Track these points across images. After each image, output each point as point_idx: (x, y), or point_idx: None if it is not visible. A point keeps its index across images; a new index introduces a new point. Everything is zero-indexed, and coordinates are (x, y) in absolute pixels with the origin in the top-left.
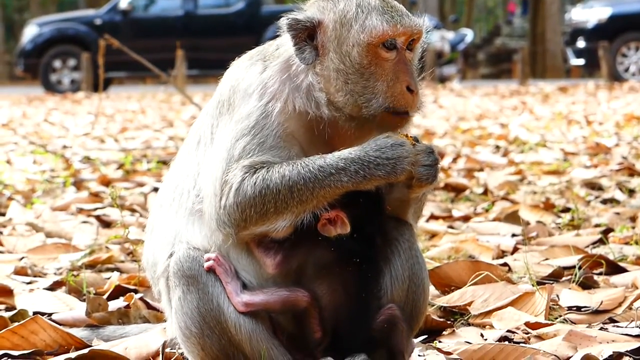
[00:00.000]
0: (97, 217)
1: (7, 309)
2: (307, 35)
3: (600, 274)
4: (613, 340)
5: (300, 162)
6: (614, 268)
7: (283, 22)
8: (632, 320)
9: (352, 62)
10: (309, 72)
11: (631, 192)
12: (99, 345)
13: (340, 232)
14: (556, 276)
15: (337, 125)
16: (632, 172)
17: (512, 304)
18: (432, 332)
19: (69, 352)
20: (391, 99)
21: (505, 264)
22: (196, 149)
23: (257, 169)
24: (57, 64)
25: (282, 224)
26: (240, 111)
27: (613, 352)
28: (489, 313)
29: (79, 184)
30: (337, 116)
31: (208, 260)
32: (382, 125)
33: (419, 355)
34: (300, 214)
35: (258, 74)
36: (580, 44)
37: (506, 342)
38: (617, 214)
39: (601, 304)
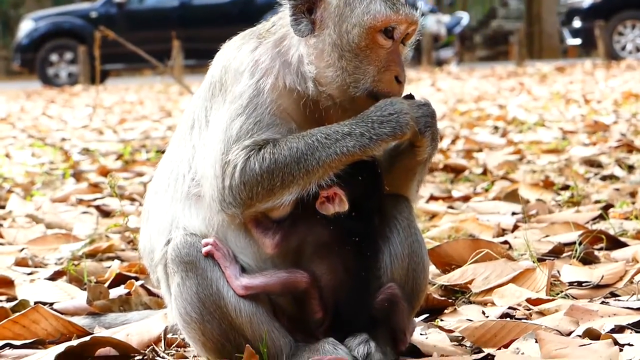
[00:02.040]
0: (97, 207)
1: (9, 300)
2: (307, 9)
3: (600, 249)
4: (614, 314)
5: (304, 133)
6: (615, 243)
7: None
8: (633, 294)
9: (349, 41)
10: (300, 44)
11: (630, 168)
12: (100, 332)
13: (339, 210)
14: (557, 252)
15: (321, 104)
16: (631, 148)
17: (513, 280)
18: (434, 311)
19: (70, 340)
20: (378, 84)
21: (505, 242)
22: (190, 133)
23: (262, 146)
24: (53, 57)
25: (288, 197)
26: (233, 90)
27: (615, 325)
28: (490, 290)
29: (78, 176)
30: (320, 92)
31: (206, 245)
32: (361, 110)
33: (420, 334)
34: (306, 185)
35: (250, 52)
36: (577, 23)
37: (508, 319)
38: (617, 190)
39: (602, 278)
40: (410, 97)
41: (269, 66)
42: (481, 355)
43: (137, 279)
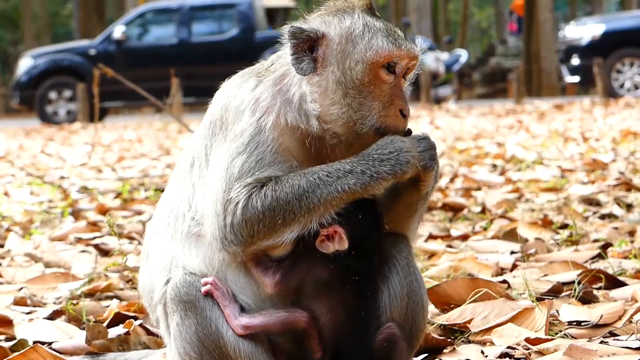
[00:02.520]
0: (96, 246)
1: (7, 339)
2: (308, 47)
3: (599, 288)
4: (614, 354)
5: (306, 171)
6: (613, 282)
7: (286, 30)
8: (632, 334)
9: (353, 77)
10: (302, 83)
11: (629, 207)
12: None
13: (339, 249)
14: (555, 291)
15: (325, 141)
16: (629, 187)
17: (512, 320)
18: (433, 351)
19: None
20: (384, 119)
21: (504, 281)
22: (190, 172)
23: (264, 184)
24: (52, 95)
25: (289, 235)
26: (234, 129)
27: None
28: (489, 330)
29: (76, 214)
30: (325, 130)
31: (205, 284)
32: (367, 146)
33: None
34: (307, 223)
35: (250, 90)
36: (575, 61)
37: (507, 359)
38: (616, 228)
39: (601, 317)
40: (408, 132)
41: (270, 104)
42: None
43: (136, 318)
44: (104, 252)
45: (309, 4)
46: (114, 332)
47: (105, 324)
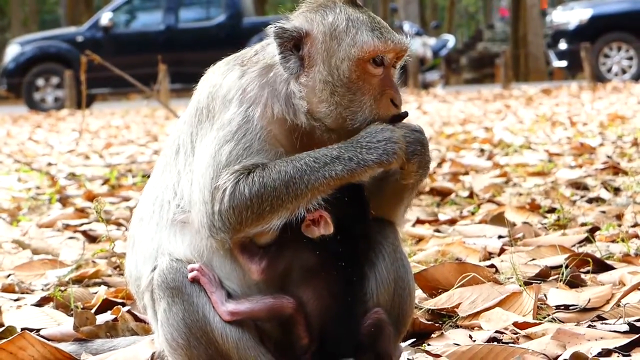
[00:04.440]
0: (84, 233)
1: None
2: (293, 45)
3: (587, 272)
4: (602, 338)
5: (293, 157)
6: (601, 266)
7: (270, 30)
8: (620, 317)
9: (340, 75)
10: (290, 80)
11: (616, 191)
12: (87, 359)
13: (324, 233)
14: (543, 276)
15: (314, 134)
16: (617, 170)
17: (499, 304)
18: (421, 335)
19: None
20: (376, 112)
21: (492, 266)
22: (175, 159)
23: (251, 171)
24: (40, 82)
25: (276, 222)
26: (222, 117)
27: (602, 349)
28: (476, 314)
29: (64, 201)
30: (315, 126)
31: (192, 270)
32: None
33: (407, 359)
34: (294, 209)
35: (236, 79)
36: (562, 46)
37: (495, 343)
38: (603, 212)
39: (589, 301)
40: (405, 115)
41: (257, 95)
42: None
43: (123, 304)
44: (92, 239)
45: None
46: (102, 318)
47: (93, 311)
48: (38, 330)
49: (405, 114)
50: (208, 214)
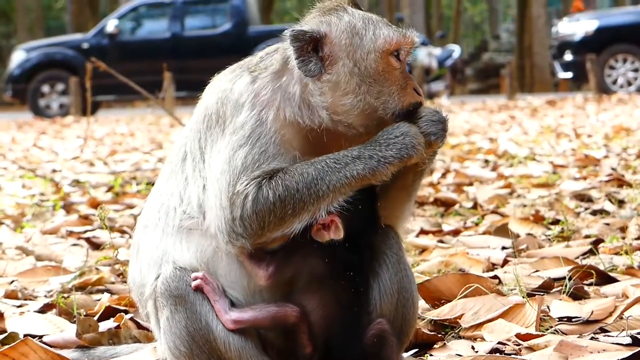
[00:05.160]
0: (87, 240)
1: None
2: (312, 48)
3: (590, 284)
4: (604, 350)
5: (313, 160)
6: (604, 278)
7: (288, 34)
8: (622, 330)
9: (367, 67)
10: (306, 82)
11: (621, 203)
12: None
13: (334, 238)
14: (546, 287)
15: (330, 134)
16: (621, 183)
17: (502, 315)
18: (423, 346)
19: None
20: (404, 100)
21: (495, 277)
22: (182, 166)
23: (272, 175)
24: (45, 88)
25: (297, 226)
26: (234, 121)
27: None
28: (479, 325)
29: (68, 207)
30: (336, 121)
31: (195, 279)
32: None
33: None
34: (315, 212)
35: (248, 84)
36: (568, 57)
37: (497, 354)
38: (607, 224)
39: (592, 314)
40: (419, 104)
41: (270, 99)
42: None
43: (126, 312)
44: (96, 246)
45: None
46: (105, 325)
47: (96, 318)
48: (41, 336)
49: (420, 103)
50: (227, 219)
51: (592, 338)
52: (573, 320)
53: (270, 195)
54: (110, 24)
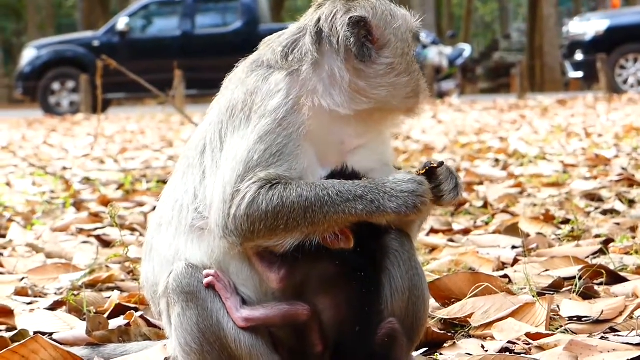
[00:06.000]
0: (97, 237)
1: (8, 330)
2: (366, 32)
3: (600, 284)
4: (614, 350)
5: (319, 184)
6: (615, 278)
7: (344, 20)
8: (632, 329)
9: (410, 47)
10: (357, 67)
11: (631, 203)
12: None
13: (343, 247)
14: (556, 287)
15: (356, 119)
16: (631, 182)
17: (512, 315)
18: (433, 345)
19: None
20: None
21: (505, 276)
22: (200, 159)
23: (274, 185)
24: (55, 86)
25: (290, 241)
26: (265, 105)
27: None
28: (489, 324)
29: (78, 205)
30: (382, 102)
31: (207, 276)
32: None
33: None
34: (309, 234)
35: (285, 76)
36: (579, 56)
37: (507, 353)
38: (617, 224)
39: (602, 313)
40: (440, 164)
41: (312, 89)
42: None
43: (136, 309)
44: (106, 243)
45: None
46: (115, 323)
47: (106, 315)
48: (51, 334)
49: (442, 164)
50: (224, 214)
51: (602, 338)
52: (583, 319)
53: (264, 205)
54: (121, 22)
